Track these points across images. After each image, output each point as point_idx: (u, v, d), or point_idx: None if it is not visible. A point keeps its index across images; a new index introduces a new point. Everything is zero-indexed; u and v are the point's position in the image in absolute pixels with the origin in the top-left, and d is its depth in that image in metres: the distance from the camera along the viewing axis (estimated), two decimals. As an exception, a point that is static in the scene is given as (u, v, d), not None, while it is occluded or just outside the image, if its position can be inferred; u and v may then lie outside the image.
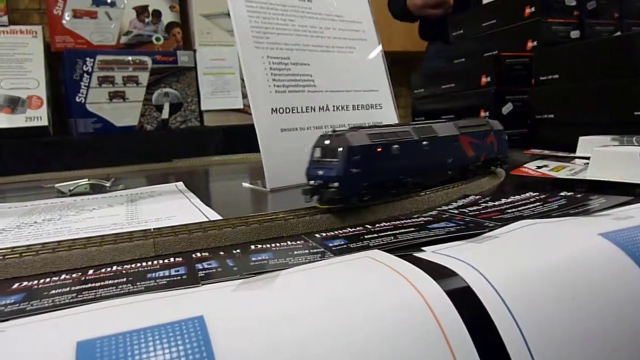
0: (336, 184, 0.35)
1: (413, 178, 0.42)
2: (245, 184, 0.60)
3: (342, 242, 0.30)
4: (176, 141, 1.45)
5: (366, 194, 0.38)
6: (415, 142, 0.41)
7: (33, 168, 1.23)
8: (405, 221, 0.34)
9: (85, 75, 1.36)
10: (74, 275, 0.27)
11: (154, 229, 0.33)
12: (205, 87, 1.50)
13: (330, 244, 0.30)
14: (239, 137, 1.49)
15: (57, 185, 0.61)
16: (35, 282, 0.26)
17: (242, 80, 1.55)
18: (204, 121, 1.51)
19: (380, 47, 0.68)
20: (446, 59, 1.09)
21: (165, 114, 1.45)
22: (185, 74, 1.47)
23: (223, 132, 1.49)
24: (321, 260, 0.27)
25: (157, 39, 1.48)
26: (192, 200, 0.51)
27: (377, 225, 0.34)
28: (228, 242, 0.33)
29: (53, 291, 0.24)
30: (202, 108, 1.50)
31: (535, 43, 0.85)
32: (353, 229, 0.33)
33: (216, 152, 1.41)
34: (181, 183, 0.63)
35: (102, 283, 0.25)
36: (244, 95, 1.54)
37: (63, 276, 0.27)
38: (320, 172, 0.36)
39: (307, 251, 0.29)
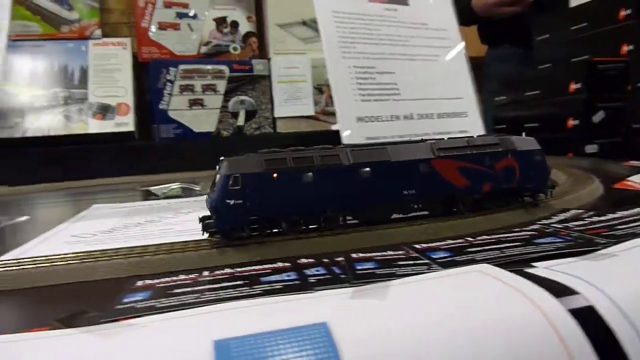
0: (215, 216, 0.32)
1: (340, 212, 0.36)
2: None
3: (447, 255, 0.30)
4: (251, 147, 1.49)
5: (260, 228, 0.33)
6: (346, 168, 0.34)
7: (120, 170, 1.31)
8: (507, 235, 0.34)
9: (168, 83, 1.44)
10: (191, 276, 0.28)
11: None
12: (278, 94, 1.54)
13: (434, 256, 0.30)
14: (310, 143, 1.51)
15: (151, 188, 0.65)
16: (157, 280, 0.28)
17: (314, 88, 1.58)
18: (277, 127, 1.55)
19: (465, 55, 0.67)
20: (516, 64, 1.04)
21: (240, 120, 1.51)
22: (260, 82, 1.52)
23: (295, 138, 1.52)
24: (429, 272, 0.27)
25: (235, 49, 1.54)
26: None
27: (479, 237, 0.33)
28: (330, 249, 0.33)
29: (176, 290, 0.26)
30: (276, 115, 1.54)
31: (631, 47, 0.80)
32: (454, 241, 0.33)
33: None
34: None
35: (220, 285, 0.26)
36: (316, 102, 1.57)
37: (181, 276, 0.29)
38: (209, 201, 0.33)
39: (411, 262, 0.29)
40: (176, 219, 0.49)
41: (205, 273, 0.29)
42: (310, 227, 0.35)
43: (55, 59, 1.44)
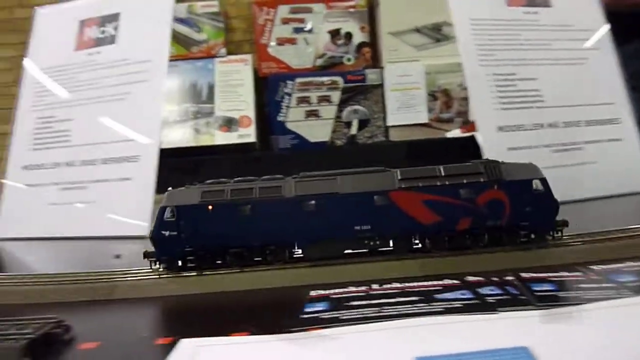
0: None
1: (286, 246, 0.34)
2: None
3: (636, 278, 0.27)
4: (364, 155, 1.51)
5: (199, 260, 0.33)
6: (288, 201, 0.33)
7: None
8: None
9: (286, 96, 1.51)
10: (360, 288, 0.29)
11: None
12: (391, 103, 1.53)
13: (621, 279, 0.28)
14: (423, 151, 1.49)
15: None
16: (330, 291, 0.29)
17: (428, 94, 1.56)
18: (390, 136, 1.55)
19: (614, 57, 0.62)
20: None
21: (353, 129, 1.52)
22: (372, 91, 1.53)
23: (408, 146, 1.51)
24: (621, 297, 0.25)
25: (348, 59, 1.57)
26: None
27: (666, 260, 0.30)
28: (490, 267, 0.32)
29: (353, 302, 0.27)
30: (388, 123, 1.53)
31: None
32: (635, 263, 0.30)
33: (401, 166, 1.44)
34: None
35: (396, 300, 0.27)
36: (429, 110, 1.54)
37: (351, 288, 0.30)
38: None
39: (595, 285, 0.27)
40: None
41: (375, 286, 0.29)
42: (256, 259, 0.34)
43: (186, 77, 1.57)
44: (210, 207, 0.33)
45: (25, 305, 0.32)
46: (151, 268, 0.35)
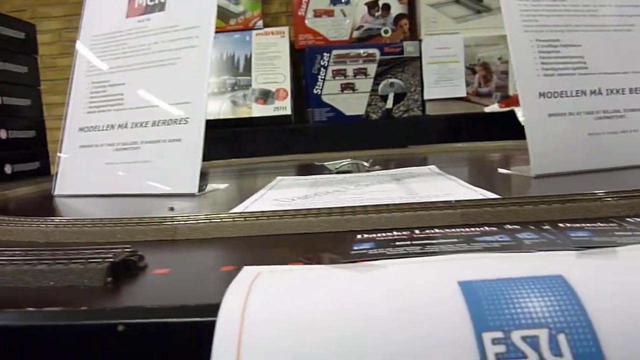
0: None
1: None
2: (503, 170, 0.60)
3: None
4: (398, 130, 1.52)
5: None
6: None
7: (279, 150, 1.42)
8: None
9: (322, 69, 1.52)
10: (403, 233, 0.31)
11: (455, 201, 0.36)
12: (429, 76, 1.53)
13: (658, 228, 0.29)
14: (461, 126, 1.48)
15: (325, 163, 0.71)
16: (374, 235, 0.32)
17: (467, 68, 1.53)
18: (426, 110, 1.55)
19: None
20: None
21: (389, 103, 1.53)
22: (410, 64, 1.52)
23: (445, 120, 1.50)
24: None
25: (386, 32, 1.56)
26: (457, 181, 0.53)
27: None
28: (528, 218, 0.34)
29: (397, 243, 0.29)
30: (425, 97, 1.53)
31: None
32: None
33: (438, 141, 1.44)
34: (434, 166, 0.67)
35: (438, 241, 0.29)
36: (468, 83, 1.53)
37: (395, 233, 0.32)
38: None
39: (629, 233, 0.28)
40: (358, 190, 0.53)
41: (417, 231, 0.31)
42: None
43: (224, 49, 1.60)
44: None
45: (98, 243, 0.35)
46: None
